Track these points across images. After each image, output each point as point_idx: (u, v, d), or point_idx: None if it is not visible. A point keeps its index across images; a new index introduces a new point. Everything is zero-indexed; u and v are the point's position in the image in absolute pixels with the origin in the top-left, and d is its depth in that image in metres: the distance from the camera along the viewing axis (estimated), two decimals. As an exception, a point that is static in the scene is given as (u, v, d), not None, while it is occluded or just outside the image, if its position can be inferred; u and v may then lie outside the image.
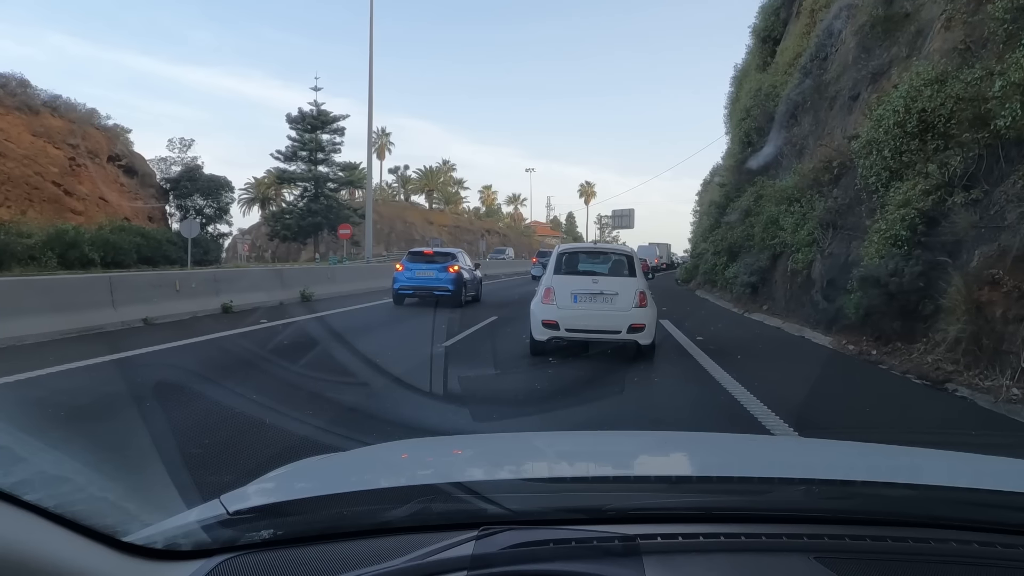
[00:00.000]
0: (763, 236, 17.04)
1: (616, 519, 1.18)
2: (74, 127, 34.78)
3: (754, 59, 31.60)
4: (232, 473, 3.86)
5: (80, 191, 33.53)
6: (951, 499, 1.32)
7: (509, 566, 1.04)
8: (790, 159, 20.21)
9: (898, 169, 10.66)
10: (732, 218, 23.67)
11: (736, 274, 21.27)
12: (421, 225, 75.84)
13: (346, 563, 1.06)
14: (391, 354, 8.67)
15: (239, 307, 12.77)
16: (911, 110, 10.41)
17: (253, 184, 69.07)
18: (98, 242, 29.63)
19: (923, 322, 8.99)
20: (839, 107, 17.23)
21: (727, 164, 31.69)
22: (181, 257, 32.02)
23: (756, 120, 23.44)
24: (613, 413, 6.03)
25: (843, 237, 12.11)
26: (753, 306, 18.39)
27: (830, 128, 17.44)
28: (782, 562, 1.11)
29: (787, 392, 7.18)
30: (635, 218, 69.51)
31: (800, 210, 14.39)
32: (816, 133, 18.67)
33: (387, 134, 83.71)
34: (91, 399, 5.81)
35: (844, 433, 3.58)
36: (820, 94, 19.35)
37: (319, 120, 56.37)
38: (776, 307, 16.23)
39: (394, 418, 5.38)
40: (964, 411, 6.75)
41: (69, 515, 1.01)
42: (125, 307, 9.98)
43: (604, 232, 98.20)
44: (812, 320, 12.75)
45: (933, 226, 9.21)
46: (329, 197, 57.02)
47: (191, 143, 46.45)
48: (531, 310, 9.05)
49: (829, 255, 12.27)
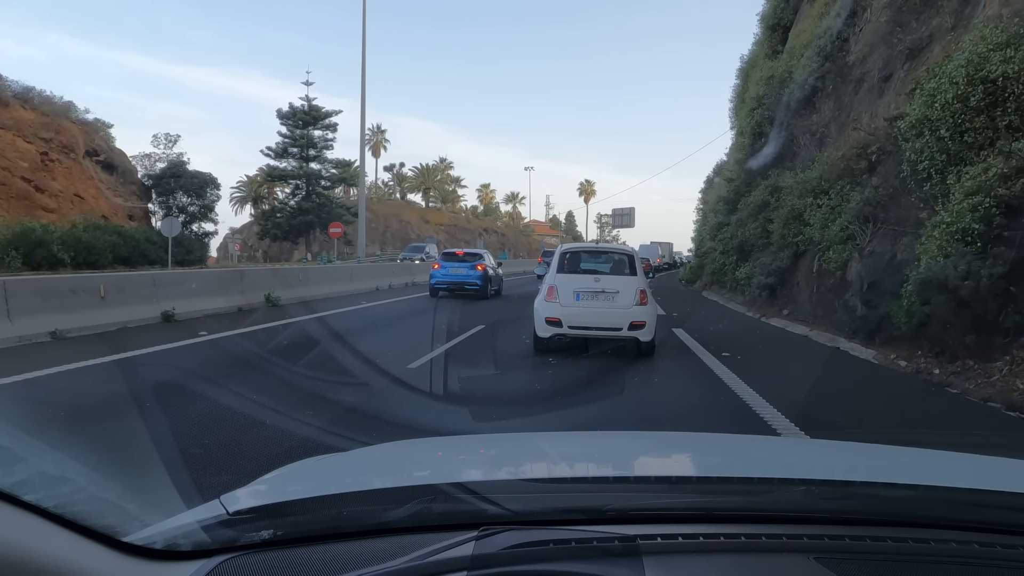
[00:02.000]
0: (783, 233, 15.34)
1: (616, 519, 1.18)
2: (47, 120, 32.99)
3: (762, 48, 30.22)
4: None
5: (53, 187, 31.75)
6: (951, 499, 1.30)
7: (509, 566, 1.04)
8: (809, 149, 18.52)
9: (958, 151, 8.96)
10: (743, 214, 21.97)
11: (749, 275, 19.60)
12: (417, 224, 74.05)
13: (346, 563, 1.05)
14: (362, 377, 6.96)
15: (185, 315, 10.95)
16: (974, 80, 8.72)
17: (245, 182, 67.41)
18: (69, 241, 27.99)
19: (1004, 336, 7.29)
20: (867, 90, 15.54)
21: (735, 157, 30.01)
22: (162, 257, 30.50)
23: (769, 109, 21.74)
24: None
25: (887, 233, 10.41)
26: (770, 310, 16.68)
27: (857, 113, 15.75)
28: (782, 563, 1.10)
29: (868, 432, 5.48)
30: (635, 217, 67.89)
31: (829, 203, 12.68)
32: (839, 120, 16.98)
33: (382, 131, 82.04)
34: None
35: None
36: (842, 77, 17.67)
37: (311, 116, 54.74)
38: (799, 312, 14.53)
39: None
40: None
41: (69, 515, 1.00)
42: (26, 318, 8.20)
43: (604, 231, 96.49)
44: (847, 329, 11.06)
45: (1016, 217, 7.49)
46: (321, 195, 55.49)
47: (177, 139, 44.30)
48: (535, 308, 9.14)
49: (870, 254, 10.57)
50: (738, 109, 34.60)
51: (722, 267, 25.04)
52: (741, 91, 33.90)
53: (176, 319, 10.70)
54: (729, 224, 24.68)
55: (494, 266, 20.69)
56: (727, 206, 26.05)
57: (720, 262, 25.52)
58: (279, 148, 54.11)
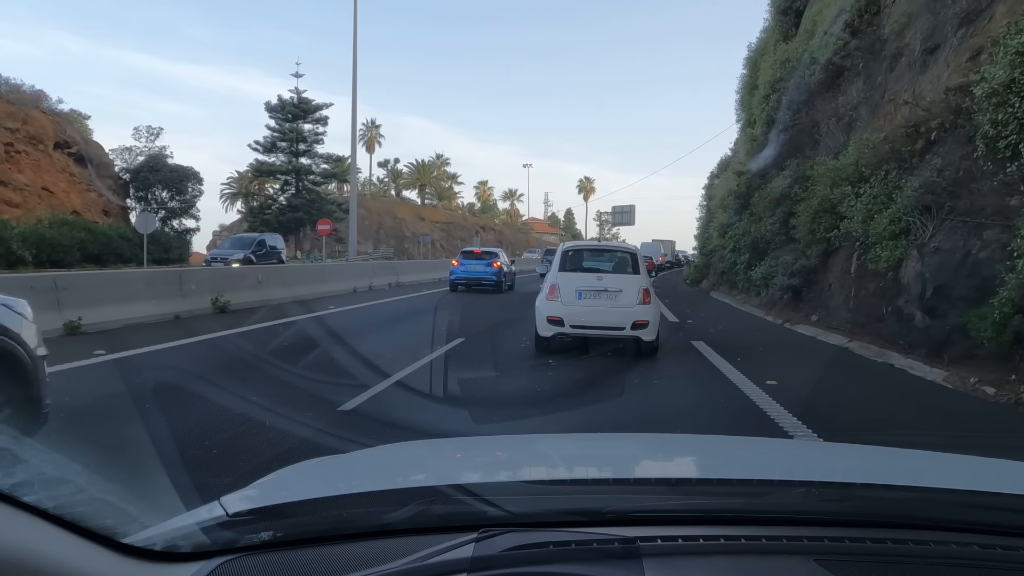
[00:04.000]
0: (811, 228, 13.42)
1: (616, 521, 1.17)
2: (14, 109, 31.01)
3: (773, 34, 28.45)
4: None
5: (18, 180, 29.82)
6: (951, 501, 1.28)
7: (509, 568, 1.03)
8: (835, 134, 16.59)
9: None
10: (759, 208, 20.04)
11: (766, 275, 17.71)
12: (412, 221, 72.07)
13: (346, 565, 1.04)
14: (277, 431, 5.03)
15: (96, 326, 8.90)
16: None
17: (236, 178, 65.37)
18: (31, 238, 26.12)
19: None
20: (906, 64, 13.61)
21: (746, 149, 28.06)
22: (137, 255, 28.61)
23: (789, 93, 19.79)
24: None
25: (956, 225, 8.48)
26: (794, 315, 14.78)
27: (894, 91, 13.82)
28: (782, 564, 1.10)
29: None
30: (635, 214, 65.94)
31: (872, 192, 10.75)
32: (872, 100, 15.05)
33: (377, 126, 79.88)
34: None
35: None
36: (873, 54, 15.74)
37: (300, 109, 52.78)
38: (831, 318, 12.62)
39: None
40: None
41: (69, 516, 0.99)
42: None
43: (604, 229, 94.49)
44: (901, 342, 9.16)
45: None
46: (312, 191, 53.56)
47: (159, 132, 42.04)
48: (536, 307, 9.00)
49: (934, 251, 8.65)
50: (745, 100, 32.98)
51: (732, 266, 23.22)
52: (749, 81, 32.18)
53: (83, 331, 8.69)
54: (741, 220, 22.77)
55: (508, 263, 22.50)
56: (738, 200, 24.12)
57: (730, 261, 23.69)
58: (267, 142, 52.16)
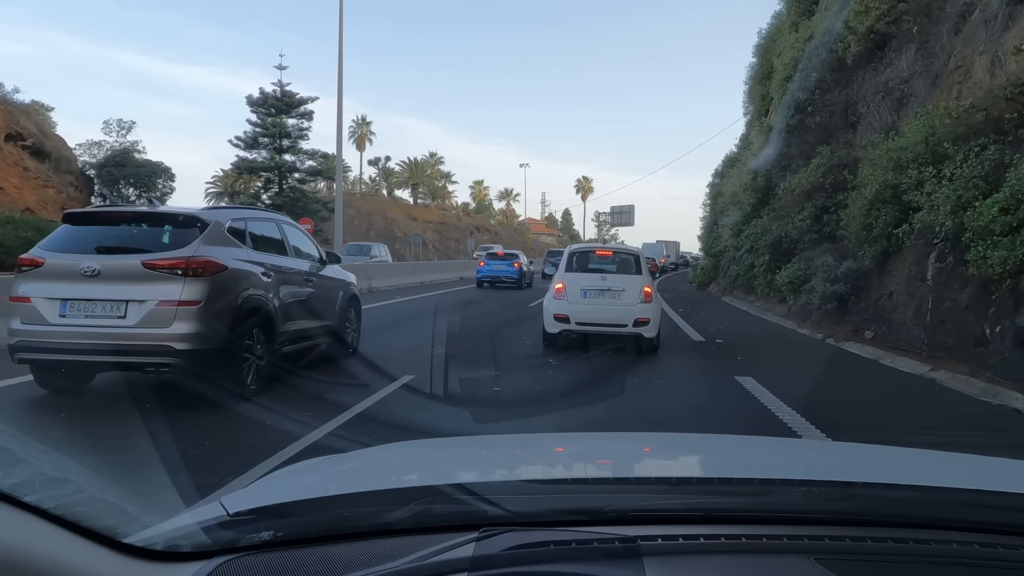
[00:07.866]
0: (866, 222, 10.84)
1: (617, 520, 1.17)
2: (-41, 98, 28.40)
3: (789, 16, 26.17)
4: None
5: (-38, 175, 27.17)
6: (952, 500, 1.28)
7: (509, 567, 1.03)
8: (882, 112, 14.04)
9: None
10: (785, 202, 17.45)
11: (796, 279, 15.13)
12: (404, 221, 69.40)
13: (346, 565, 1.05)
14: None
15: None
16: None
17: (221, 176, 62.62)
18: (-32, 237, 23.43)
19: None
20: (980, 22, 11.07)
21: (760, 141, 25.52)
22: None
23: (817, 70, 17.23)
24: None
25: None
26: (839, 329, 12.17)
27: (963, 56, 11.28)
28: (783, 564, 1.10)
29: None
30: (635, 215, 63.39)
31: (966, 172, 8.16)
32: (932, 69, 12.48)
33: (368, 123, 77.13)
34: None
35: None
36: (931, 16, 13.21)
37: (283, 103, 50.02)
38: (894, 336, 10.04)
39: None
40: None
41: (69, 516, 0.99)
42: None
43: (602, 230, 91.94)
44: (1014, 374, 6.60)
45: None
46: (296, 189, 50.90)
47: (131, 125, 39.15)
48: (543, 305, 9.52)
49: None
50: (755, 90, 30.67)
51: (749, 269, 20.63)
52: (759, 69, 29.84)
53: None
54: (761, 217, 20.20)
55: (527, 263, 26.52)
56: (755, 195, 21.55)
57: (747, 263, 21.11)
58: (248, 138, 49.46)
